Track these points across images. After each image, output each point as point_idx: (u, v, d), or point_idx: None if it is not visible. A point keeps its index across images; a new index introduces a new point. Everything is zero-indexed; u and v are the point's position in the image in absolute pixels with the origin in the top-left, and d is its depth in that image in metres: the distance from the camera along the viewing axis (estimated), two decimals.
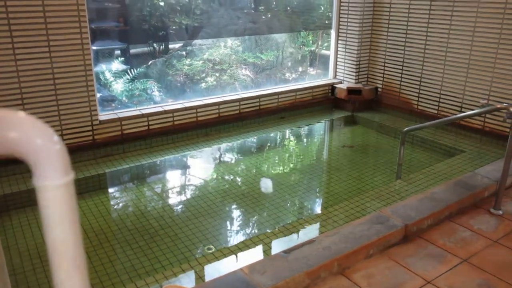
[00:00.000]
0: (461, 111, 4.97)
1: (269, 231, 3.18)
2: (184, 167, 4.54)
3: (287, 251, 2.48)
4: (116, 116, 4.51)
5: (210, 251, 2.93)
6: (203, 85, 6.00)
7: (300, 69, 6.88)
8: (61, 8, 3.84)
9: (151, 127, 4.72)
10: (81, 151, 4.27)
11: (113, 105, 5.18)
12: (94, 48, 4.74)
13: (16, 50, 3.72)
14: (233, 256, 2.86)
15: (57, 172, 0.57)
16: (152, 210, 3.46)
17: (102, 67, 5.40)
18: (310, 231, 3.19)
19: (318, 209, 3.72)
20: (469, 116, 4.55)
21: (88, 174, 3.97)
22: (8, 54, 3.70)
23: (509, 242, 2.81)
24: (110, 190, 4.09)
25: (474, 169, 3.89)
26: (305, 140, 5.37)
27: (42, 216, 0.60)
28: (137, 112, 4.65)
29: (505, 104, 3.28)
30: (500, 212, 3.15)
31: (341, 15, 5.96)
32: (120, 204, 3.69)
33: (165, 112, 4.78)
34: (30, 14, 3.72)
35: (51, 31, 3.85)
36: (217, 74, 6.17)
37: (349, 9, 5.82)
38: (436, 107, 5.23)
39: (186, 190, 4.03)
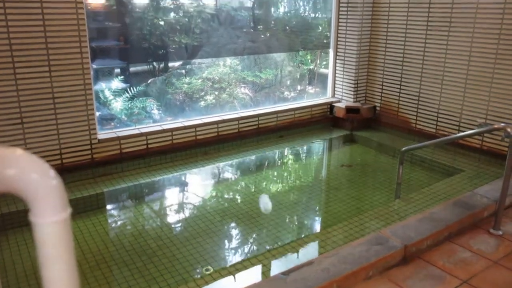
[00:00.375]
0: (459, 130, 4.99)
1: (267, 251, 3.16)
2: (183, 186, 4.53)
3: (285, 273, 2.46)
4: (115, 135, 4.52)
5: (208, 272, 2.90)
6: (202, 103, 6.02)
7: (299, 87, 6.92)
8: (61, 28, 3.88)
9: (150, 146, 4.72)
10: (79, 170, 4.27)
11: (112, 123, 5.19)
12: (94, 66, 4.78)
13: (16, 70, 3.74)
14: (231, 277, 2.84)
15: (54, 209, 0.57)
16: (150, 230, 3.44)
17: (102, 85, 5.42)
18: (309, 252, 3.17)
19: (317, 229, 3.70)
20: (467, 136, 4.56)
21: (86, 193, 3.96)
22: (9, 74, 3.72)
23: (509, 263, 2.79)
24: (108, 209, 4.08)
25: (473, 188, 3.88)
26: (304, 159, 5.37)
27: (37, 252, 0.60)
28: (136, 131, 4.66)
29: (502, 124, 3.30)
30: (500, 232, 3.14)
31: (339, 35, 6.02)
32: (118, 224, 3.67)
33: (164, 131, 4.79)
34: (31, 34, 3.76)
35: (52, 51, 3.88)
36: (216, 93, 6.19)
37: (347, 29, 5.89)
38: (434, 126, 5.25)
39: (185, 209, 4.01)
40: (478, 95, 4.77)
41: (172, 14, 5.61)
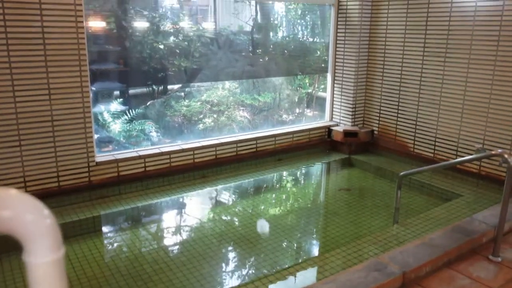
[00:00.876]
0: (456, 155, 5.00)
1: (264, 276, 3.12)
2: (180, 209, 4.51)
3: None
4: (112, 158, 4.51)
5: None
6: (200, 126, 6.04)
7: (297, 110, 6.96)
8: (62, 52, 3.92)
9: (147, 168, 4.71)
10: (77, 193, 4.25)
11: (110, 146, 5.19)
12: (93, 89, 4.80)
13: (16, 93, 3.76)
14: None
15: (48, 249, 0.57)
16: (146, 254, 3.40)
17: (101, 107, 5.44)
18: (307, 277, 3.13)
19: (314, 254, 3.67)
20: (465, 162, 4.57)
21: (83, 216, 3.93)
22: (8, 97, 3.74)
23: None
24: (104, 233, 4.04)
25: (471, 213, 3.87)
26: (302, 182, 5.36)
27: None
28: (134, 154, 4.66)
29: (499, 150, 3.31)
30: (499, 259, 3.11)
31: (337, 59, 6.09)
32: (114, 248, 3.64)
33: (162, 153, 4.79)
34: (31, 57, 3.79)
35: (52, 74, 3.91)
36: (215, 116, 6.22)
37: (344, 53, 5.96)
38: (432, 151, 5.26)
39: (182, 233, 3.98)
40: (475, 120, 4.80)
41: (172, 38, 5.68)
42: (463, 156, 4.92)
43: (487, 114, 4.67)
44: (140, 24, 5.48)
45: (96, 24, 4.92)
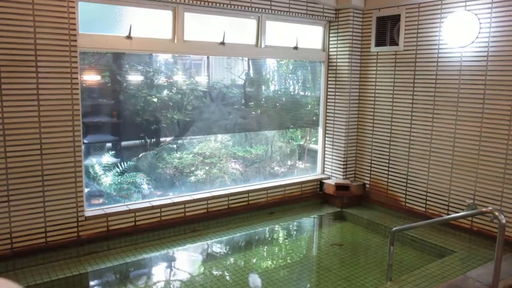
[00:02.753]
0: (448, 209, 5.00)
1: None
2: (170, 264, 4.41)
3: None
4: (102, 212, 4.46)
5: None
6: (192, 178, 6.02)
7: (289, 162, 6.99)
8: (56, 108, 3.95)
9: (137, 222, 4.65)
10: (64, 248, 4.16)
11: (101, 200, 5.14)
12: (85, 141, 4.81)
13: (7, 148, 3.76)
14: None
15: None
16: None
17: (92, 160, 5.43)
18: None
19: None
20: (456, 218, 4.57)
21: (69, 273, 3.83)
22: None
23: None
24: None
25: (465, 271, 3.83)
26: (294, 236, 5.30)
27: None
28: (124, 208, 4.61)
29: (490, 208, 3.33)
30: None
31: (327, 114, 6.19)
32: None
33: (153, 207, 4.75)
34: (25, 113, 3.82)
35: (44, 129, 3.92)
36: (207, 168, 6.22)
37: (335, 107, 6.07)
38: (424, 205, 5.27)
39: None
40: (465, 175, 4.84)
41: (165, 92, 5.77)
42: (454, 211, 4.92)
43: (477, 169, 4.72)
44: (135, 78, 5.58)
45: (91, 78, 5.00)
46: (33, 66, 3.80)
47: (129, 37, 4.44)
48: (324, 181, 6.03)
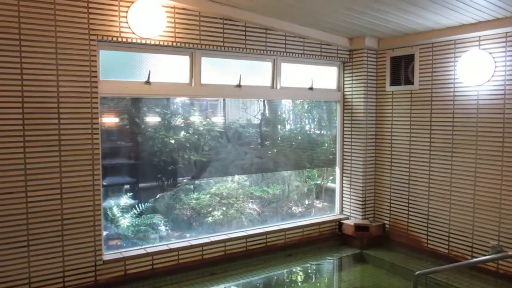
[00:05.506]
0: (472, 251, 4.86)
1: None
2: None
3: None
4: (120, 255, 4.44)
5: None
6: (209, 219, 6.00)
7: (306, 202, 6.93)
8: (76, 152, 4.02)
9: (155, 266, 4.61)
10: None
11: (118, 243, 5.13)
12: (104, 184, 4.85)
13: (28, 193, 3.81)
14: None
15: None
16: None
17: (111, 202, 5.46)
18: None
19: None
20: (482, 262, 4.43)
21: None
22: (21, 197, 3.79)
23: None
24: None
25: None
26: (313, 279, 5.17)
27: None
28: (142, 251, 4.59)
29: None
30: None
31: (344, 152, 6.17)
32: None
33: (170, 250, 4.71)
34: (46, 158, 3.89)
35: (65, 174, 3.98)
36: (224, 208, 6.20)
37: (352, 146, 6.05)
38: (447, 246, 5.13)
39: None
40: (488, 215, 4.72)
41: (182, 133, 5.84)
42: (479, 252, 4.78)
43: (500, 208, 4.61)
44: (152, 120, 5.67)
45: (109, 121, 5.10)
46: (55, 112, 3.90)
47: (148, 82, 4.54)
48: (343, 221, 5.94)
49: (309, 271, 5.28)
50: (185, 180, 6.21)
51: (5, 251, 3.77)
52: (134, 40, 4.28)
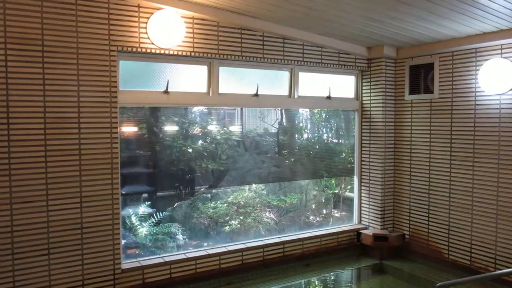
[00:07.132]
0: (495, 262, 4.75)
1: None
2: None
3: None
4: (138, 264, 4.46)
5: None
6: (227, 228, 5.99)
7: (324, 211, 6.88)
8: (96, 162, 4.07)
9: (173, 275, 4.62)
10: None
11: (136, 252, 5.16)
12: (122, 192, 4.89)
13: (49, 202, 3.86)
14: None
15: None
16: None
17: (129, 211, 5.50)
18: None
19: None
20: (507, 275, 4.33)
21: None
22: (42, 206, 3.84)
23: None
24: None
25: None
26: None
27: None
28: (160, 260, 4.60)
29: None
30: None
31: (363, 161, 6.12)
32: None
33: (188, 259, 4.72)
34: (67, 167, 3.94)
35: (84, 183, 4.03)
36: (241, 217, 6.18)
37: (370, 156, 5.99)
38: (469, 257, 5.02)
39: None
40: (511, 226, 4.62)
41: (200, 142, 5.86)
42: (503, 264, 4.67)
43: None
44: (170, 129, 5.71)
45: (128, 130, 5.15)
46: (76, 122, 3.96)
47: (166, 92, 4.58)
48: (362, 231, 5.87)
49: (328, 281, 5.22)
50: (202, 189, 6.22)
51: (26, 259, 3.82)
52: (153, 51, 4.33)
